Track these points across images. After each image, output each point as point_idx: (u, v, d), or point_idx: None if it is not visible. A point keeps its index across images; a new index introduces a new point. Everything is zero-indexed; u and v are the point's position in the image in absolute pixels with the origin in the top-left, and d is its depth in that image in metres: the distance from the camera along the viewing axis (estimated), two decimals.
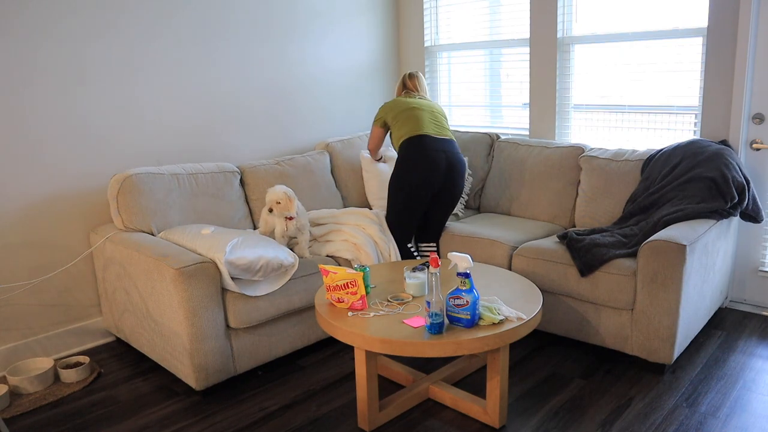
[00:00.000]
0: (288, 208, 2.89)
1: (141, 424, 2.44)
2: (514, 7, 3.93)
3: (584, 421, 2.35)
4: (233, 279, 2.53)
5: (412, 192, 3.16)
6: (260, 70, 3.70)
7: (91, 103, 3.04)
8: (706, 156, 2.95)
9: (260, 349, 2.74)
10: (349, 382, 2.72)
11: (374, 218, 3.28)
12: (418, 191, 3.15)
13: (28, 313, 2.96)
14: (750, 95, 3.12)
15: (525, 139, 3.76)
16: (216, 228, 2.84)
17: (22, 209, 2.89)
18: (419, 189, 3.15)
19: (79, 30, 2.95)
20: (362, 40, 4.27)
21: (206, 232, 2.73)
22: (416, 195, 3.16)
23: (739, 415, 2.36)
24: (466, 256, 2.17)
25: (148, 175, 2.98)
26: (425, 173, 3.12)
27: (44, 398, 2.65)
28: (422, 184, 3.14)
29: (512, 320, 2.15)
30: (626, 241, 2.84)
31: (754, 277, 3.29)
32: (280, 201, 2.88)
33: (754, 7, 3.01)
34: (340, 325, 2.18)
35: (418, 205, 3.19)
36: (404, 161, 3.18)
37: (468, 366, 2.71)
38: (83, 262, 3.10)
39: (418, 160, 3.13)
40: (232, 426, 2.41)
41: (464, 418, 2.39)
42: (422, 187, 3.14)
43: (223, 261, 2.49)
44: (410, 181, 3.15)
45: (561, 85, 3.75)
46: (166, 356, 2.68)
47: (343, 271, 2.30)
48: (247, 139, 3.70)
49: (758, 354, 2.84)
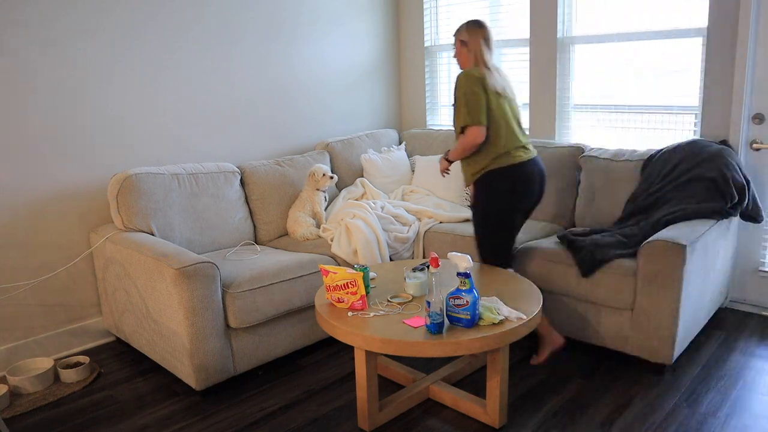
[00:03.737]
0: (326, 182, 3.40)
1: (141, 424, 2.44)
2: (514, 7, 3.93)
3: (584, 421, 2.35)
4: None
5: (512, 220, 2.73)
6: (260, 70, 3.70)
7: (92, 103, 3.04)
8: (706, 156, 2.94)
9: (260, 349, 2.74)
10: (349, 382, 2.72)
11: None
12: (517, 216, 2.75)
13: (28, 313, 2.96)
14: (750, 95, 3.12)
15: None
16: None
17: (22, 209, 2.89)
18: (518, 215, 2.75)
19: (79, 30, 2.95)
20: (362, 40, 4.27)
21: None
22: (515, 221, 2.75)
23: (739, 415, 2.36)
24: (466, 256, 2.17)
25: (148, 175, 2.98)
26: (527, 203, 2.74)
27: (44, 398, 2.65)
28: (522, 209, 2.74)
29: (512, 320, 2.15)
30: (626, 241, 2.84)
31: (754, 277, 3.29)
32: (325, 174, 3.37)
33: (754, 7, 3.00)
34: (340, 325, 2.18)
35: (515, 229, 2.78)
36: (500, 193, 2.68)
37: (468, 366, 2.71)
38: (83, 262, 3.10)
39: (518, 192, 2.68)
40: (232, 426, 2.41)
41: (464, 418, 2.39)
42: (521, 213, 2.75)
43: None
44: (510, 210, 2.70)
45: (561, 85, 3.74)
46: (166, 356, 2.68)
47: (343, 271, 2.30)
48: (247, 139, 3.70)
49: (758, 354, 2.84)
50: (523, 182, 2.67)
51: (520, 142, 2.69)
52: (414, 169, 4.02)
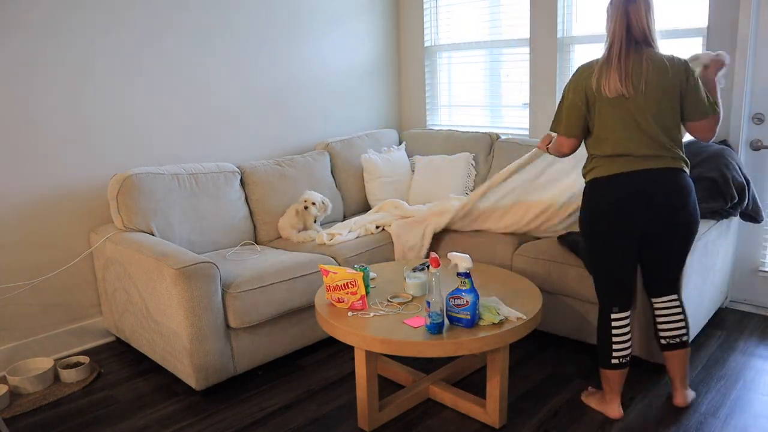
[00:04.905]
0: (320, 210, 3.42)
1: (141, 424, 2.44)
2: (514, 7, 3.93)
3: (584, 421, 2.35)
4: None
5: (606, 242, 2.25)
6: (260, 70, 3.70)
7: (92, 103, 3.04)
8: (706, 156, 2.94)
9: (260, 349, 2.74)
10: (349, 382, 2.72)
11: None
12: (614, 239, 2.23)
13: (28, 313, 2.96)
14: (750, 95, 3.12)
15: (525, 139, 3.75)
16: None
17: (22, 209, 2.89)
18: (615, 237, 2.22)
19: (80, 30, 2.95)
20: (362, 40, 4.27)
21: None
22: (613, 245, 2.24)
23: (739, 415, 2.36)
24: (466, 256, 2.17)
25: (148, 175, 2.98)
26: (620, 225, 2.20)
27: (44, 398, 2.65)
28: (618, 233, 2.21)
29: (512, 320, 2.15)
30: None
31: (754, 277, 3.29)
32: (315, 202, 3.36)
33: (754, 7, 3.00)
34: (340, 325, 2.18)
35: (620, 258, 2.25)
36: (593, 211, 2.25)
37: (468, 366, 2.71)
38: (83, 262, 3.10)
39: (606, 211, 2.21)
40: (232, 426, 2.41)
41: (464, 418, 2.39)
42: (619, 236, 2.22)
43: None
44: (602, 230, 2.24)
45: (561, 85, 3.74)
46: (166, 356, 2.68)
47: (343, 271, 2.30)
48: (247, 139, 3.70)
49: (758, 354, 2.84)
50: (612, 200, 2.18)
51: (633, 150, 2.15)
52: (414, 169, 4.02)
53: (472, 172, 3.84)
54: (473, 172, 3.84)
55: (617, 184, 2.17)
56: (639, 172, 2.14)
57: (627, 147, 2.15)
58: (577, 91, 2.25)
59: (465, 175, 3.82)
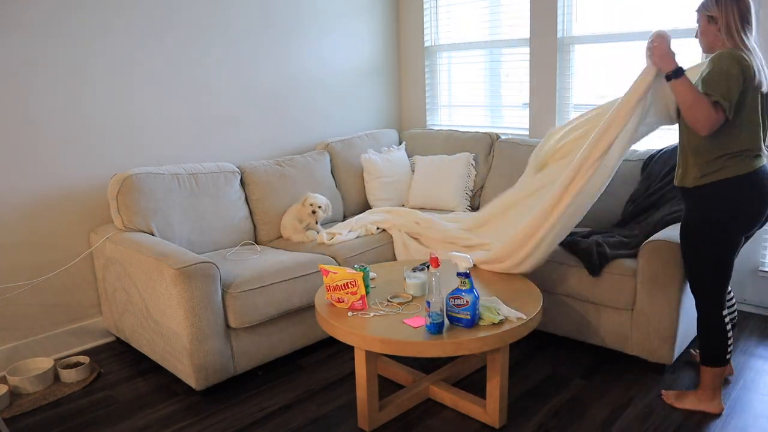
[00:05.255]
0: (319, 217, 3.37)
1: (141, 424, 2.44)
2: (514, 7, 3.93)
3: (584, 421, 2.35)
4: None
5: (733, 241, 2.23)
6: (260, 70, 3.70)
7: (92, 103, 3.04)
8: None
9: (260, 349, 2.74)
10: (349, 382, 2.72)
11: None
12: (739, 239, 2.25)
13: (28, 313, 2.96)
14: None
15: (525, 139, 3.75)
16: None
17: (22, 209, 2.89)
18: (740, 235, 2.24)
19: (80, 30, 2.95)
20: (362, 40, 4.27)
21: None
22: (737, 244, 2.26)
23: (739, 415, 2.36)
24: (466, 256, 2.17)
25: (148, 175, 2.98)
26: (752, 221, 2.22)
27: (44, 398, 2.65)
28: (743, 231, 2.24)
29: (512, 320, 2.15)
30: (627, 242, 2.84)
31: (754, 277, 3.29)
32: (321, 206, 3.33)
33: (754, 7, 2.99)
34: (340, 325, 2.18)
35: (734, 255, 2.28)
36: (736, 210, 2.18)
37: (468, 366, 2.71)
38: (83, 262, 3.09)
39: (748, 208, 2.18)
40: (232, 426, 2.41)
41: (464, 418, 2.39)
42: (742, 233, 2.24)
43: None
44: (735, 229, 2.21)
45: (561, 85, 3.75)
46: (166, 356, 2.68)
47: (343, 271, 2.30)
48: (247, 139, 3.70)
49: (758, 354, 2.84)
50: (757, 195, 2.17)
51: (762, 147, 2.16)
52: (414, 169, 4.02)
53: (472, 172, 3.85)
54: (473, 172, 3.84)
55: (764, 180, 2.16)
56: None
57: (760, 143, 2.17)
58: (740, 72, 2.05)
59: (465, 175, 3.82)
